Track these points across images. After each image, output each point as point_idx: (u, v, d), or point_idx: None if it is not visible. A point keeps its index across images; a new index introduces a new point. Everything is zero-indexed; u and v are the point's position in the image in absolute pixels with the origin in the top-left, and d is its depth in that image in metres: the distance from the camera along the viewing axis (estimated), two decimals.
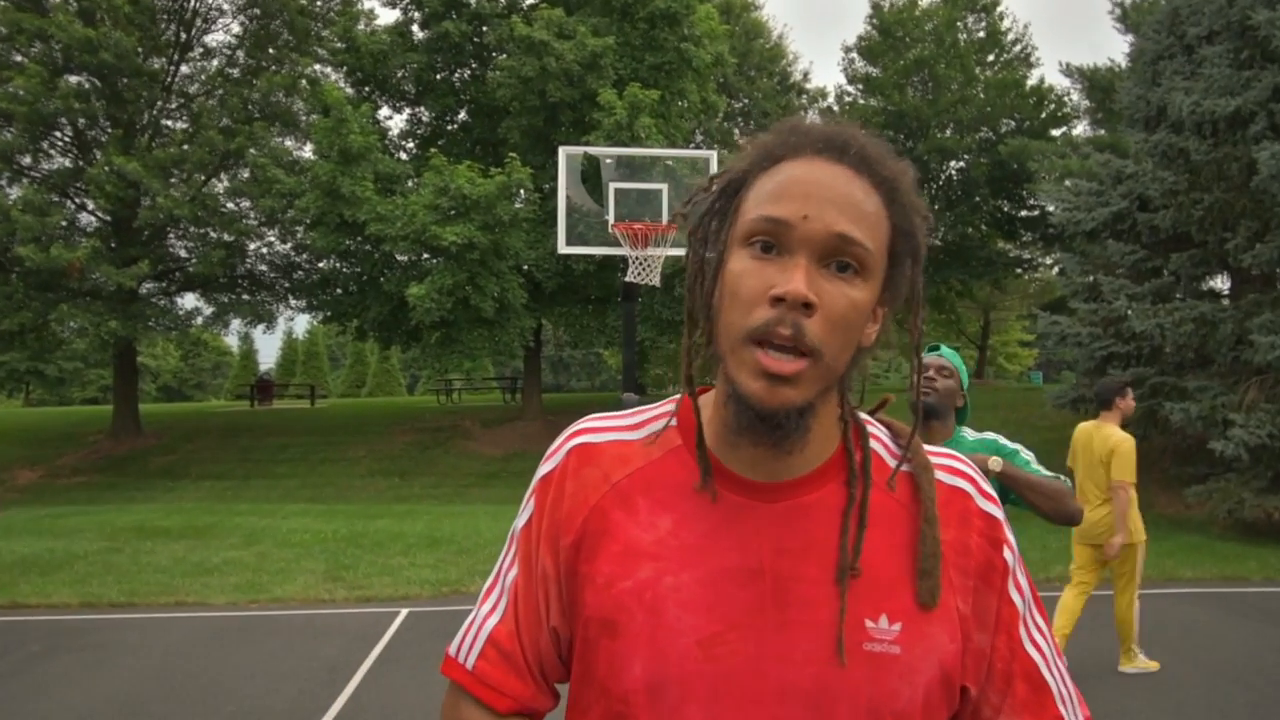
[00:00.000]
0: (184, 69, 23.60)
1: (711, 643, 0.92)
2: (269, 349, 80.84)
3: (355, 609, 8.20)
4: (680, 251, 12.18)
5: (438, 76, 22.28)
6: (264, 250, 24.01)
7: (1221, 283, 15.63)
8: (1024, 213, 29.17)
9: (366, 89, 22.28)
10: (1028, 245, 30.55)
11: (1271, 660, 6.48)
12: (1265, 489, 12.58)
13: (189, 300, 24.93)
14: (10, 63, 20.73)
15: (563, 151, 10.74)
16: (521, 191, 19.01)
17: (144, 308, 21.38)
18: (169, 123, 23.74)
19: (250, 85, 22.85)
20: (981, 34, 29.96)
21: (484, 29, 21.11)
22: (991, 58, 30.21)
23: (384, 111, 23.44)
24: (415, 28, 22.20)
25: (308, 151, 22.44)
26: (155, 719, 5.31)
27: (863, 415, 1.04)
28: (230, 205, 23.03)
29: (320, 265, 22.66)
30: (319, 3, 23.81)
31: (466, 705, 1.04)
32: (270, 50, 23.58)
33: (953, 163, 29.83)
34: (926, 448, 1.03)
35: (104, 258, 19.99)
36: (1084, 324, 15.20)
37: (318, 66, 23.39)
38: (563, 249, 11.04)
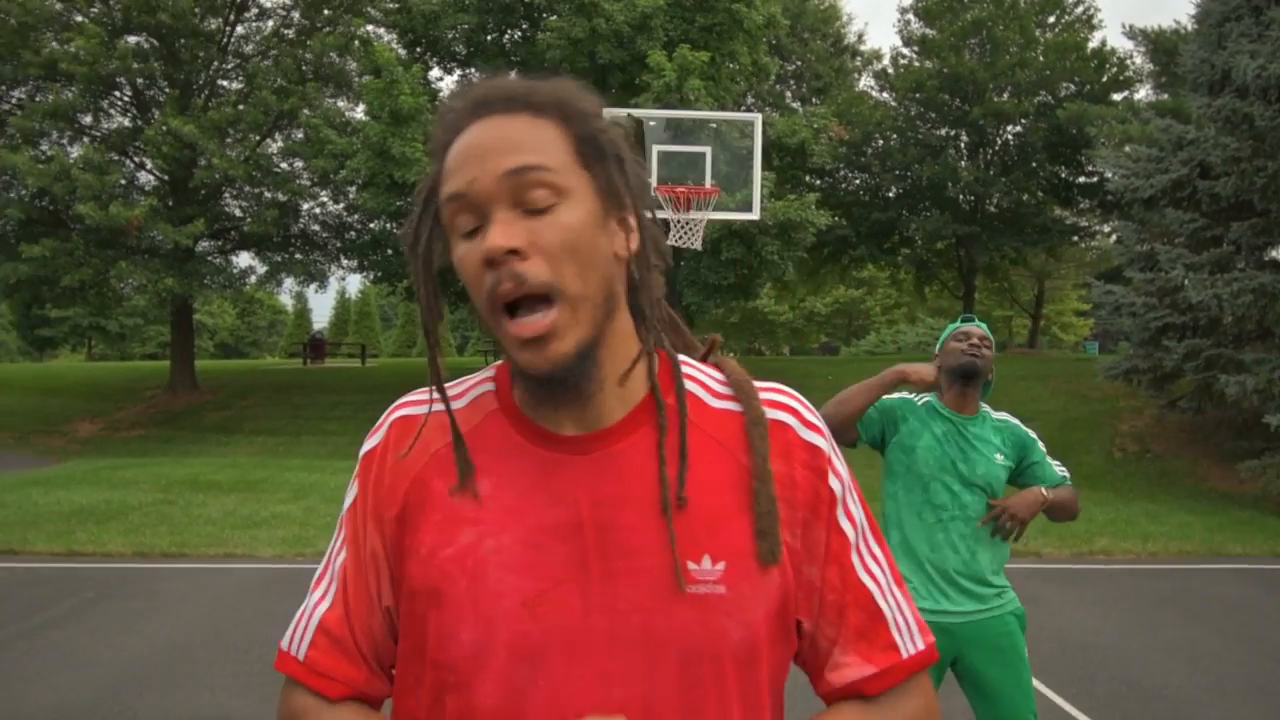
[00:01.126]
0: (239, 29, 23.84)
1: (536, 601, 0.91)
2: (323, 308, 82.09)
3: None
4: (725, 215, 12.10)
5: (488, 38, 22.25)
6: (317, 210, 24.35)
7: None
8: (1081, 179, 28.50)
9: (418, 49, 22.33)
10: (1085, 213, 29.88)
11: None
12: None
13: (243, 259, 25.46)
14: (71, 23, 21.08)
15: (606, 114, 10.68)
16: None
17: (199, 266, 21.80)
18: (224, 83, 24.07)
19: (304, 46, 23.02)
20: None
21: None
22: (1052, 19, 29.41)
23: (435, 73, 23.51)
24: None
25: (360, 112, 22.59)
26: (200, 665, 5.48)
27: (681, 357, 1.02)
28: (284, 166, 23.33)
29: (371, 226, 22.88)
30: None
31: (299, 696, 1.01)
32: (325, 11, 23.71)
33: (1009, 127, 29.19)
34: (758, 384, 1.01)
35: (161, 216, 20.38)
36: (1139, 294, 14.87)
37: (370, 27, 23.48)
38: None
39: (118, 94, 22.84)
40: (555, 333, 0.87)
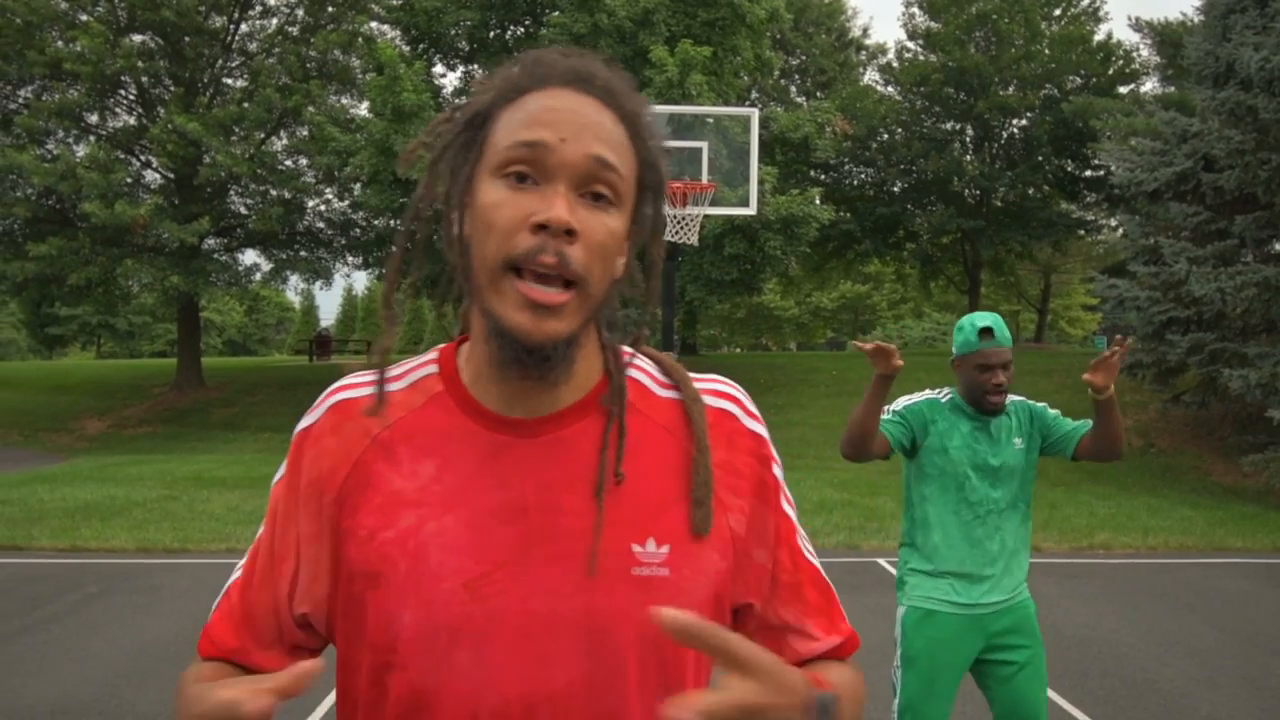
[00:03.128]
0: (244, 27, 23.93)
1: (478, 583, 0.91)
2: (330, 305, 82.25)
3: None
4: (723, 210, 12.09)
5: (491, 34, 22.27)
6: (322, 208, 24.42)
7: None
8: (1087, 173, 28.44)
9: (421, 46, 22.36)
10: (1090, 206, 29.82)
11: None
12: None
13: (249, 256, 25.58)
14: (76, 22, 21.17)
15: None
16: None
17: (205, 263, 21.88)
18: (229, 81, 24.13)
19: (308, 43, 23.07)
20: None
21: None
22: (1058, 11, 29.35)
23: (438, 69, 23.54)
24: None
25: (363, 109, 22.64)
26: None
27: (628, 349, 1.04)
28: (288, 163, 23.40)
29: (376, 223, 22.92)
30: None
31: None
32: (328, 8, 23.77)
33: (1015, 121, 29.16)
34: (693, 374, 1.04)
35: (167, 214, 20.46)
36: (1144, 288, 14.85)
37: (373, 24, 23.53)
38: None
39: (123, 92, 22.94)
40: (562, 312, 0.87)
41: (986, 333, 2.99)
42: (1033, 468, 3.05)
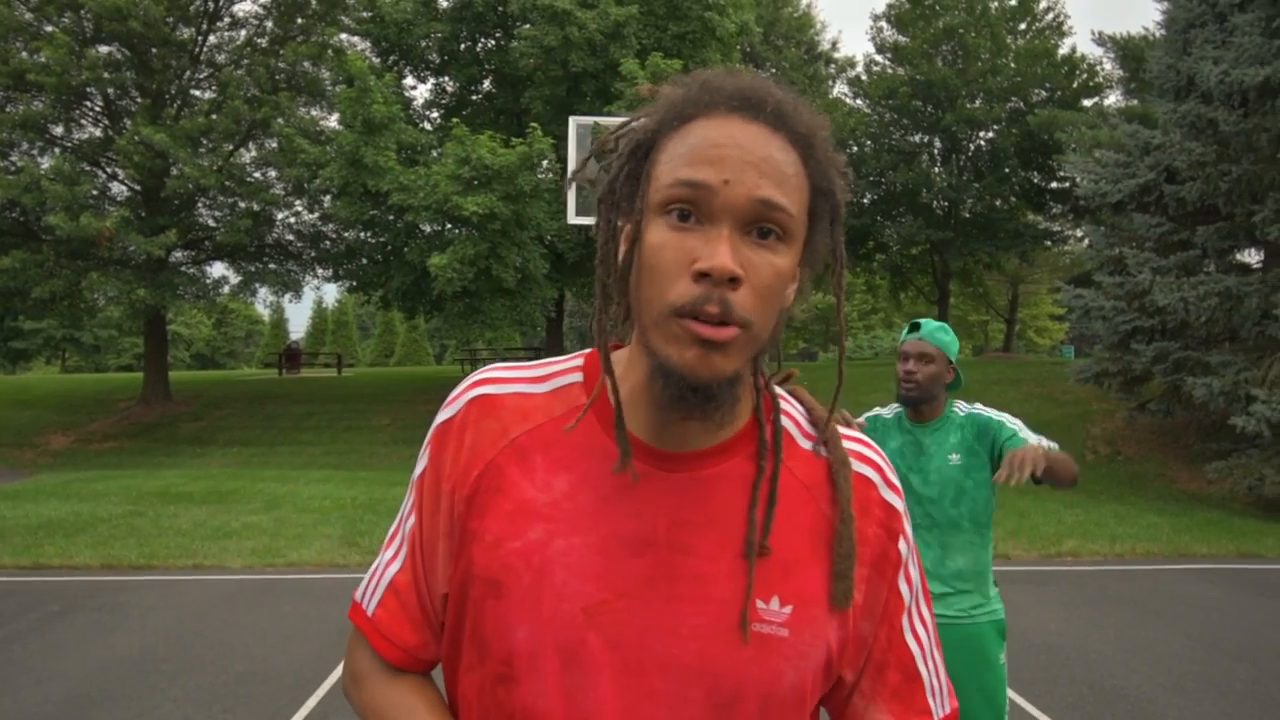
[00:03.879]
0: (212, 38, 23.74)
1: (597, 610, 0.89)
2: (300, 318, 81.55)
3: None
4: None
5: (461, 46, 22.26)
6: (291, 220, 24.27)
7: (1250, 256, 15.39)
8: (1053, 184, 28.82)
9: (391, 58, 22.31)
10: (1057, 217, 30.20)
11: (1277, 637, 6.45)
12: None
13: (217, 269, 25.30)
14: (40, 33, 20.93)
15: (573, 121, 10.72)
16: (544, 162, 19.00)
17: (172, 276, 21.66)
18: (197, 92, 23.94)
19: (277, 55, 22.95)
20: (1013, 1, 29.48)
21: None
22: (1023, 26, 29.77)
23: (409, 81, 23.49)
24: None
25: (334, 122, 22.53)
26: (165, 677, 5.45)
27: (776, 389, 1.01)
28: (257, 175, 23.24)
29: (346, 235, 22.80)
30: None
31: (364, 653, 1.04)
32: (298, 20, 23.65)
33: (982, 133, 29.50)
34: (842, 431, 1.01)
35: (133, 227, 20.24)
36: (1109, 297, 15.04)
37: (343, 36, 23.45)
38: (572, 219, 11.05)
39: (89, 104, 22.68)
40: (729, 350, 0.84)
41: (914, 328, 3.04)
42: (984, 486, 2.95)
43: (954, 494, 2.93)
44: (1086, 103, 28.16)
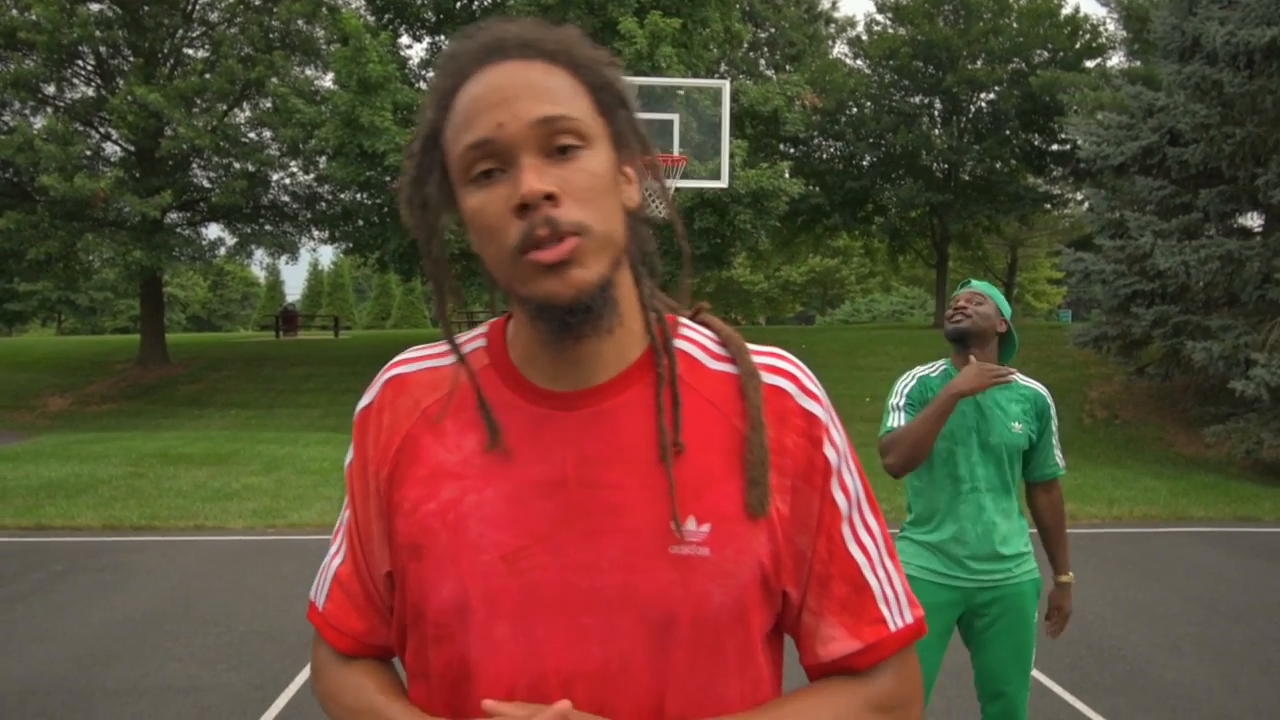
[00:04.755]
0: None
1: (516, 557, 0.91)
2: (295, 280, 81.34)
3: None
4: (693, 183, 12.03)
5: (457, 4, 21.94)
6: (286, 181, 24.05)
7: (1252, 220, 15.34)
8: (1054, 147, 28.61)
9: (386, 16, 22.01)
10: (1057, 180, 30.03)
11: (1274, 599, 6.50)
12: None
13: (213, 231, 25.11)
14: None
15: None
16: None
17: (168, 238, 21.49)
18: (190, 51, 23.65)
19: (270, 13, 22.63)
20: None
21: None
22: None
23: (404, 40, 23.20)
24: None
25: (329, 81, 22.28)
26: (167, 637, 5.47)
27: (682, 319, 1.03)
28: (252, 135, 23.01)
29: (342, 196, 22.63)
30: None
31: (319, 647, 1.07)
32: None
33: (983, 95, 29.23)
34: (752, 346, 1.01)
35: (128, 187, 20.07)
36: (1109, 261, 15.01)
37: None
38: None
39: (80, 63, 22.40)
40: (579, 258, 0.85)
41: (964, 284, 3.07)
42: (1022, 454, 2.98)
43: (1010, 460, 2.94)
44: (1089, 64, 27.88)
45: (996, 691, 2.95)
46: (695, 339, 1.02)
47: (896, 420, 2.95)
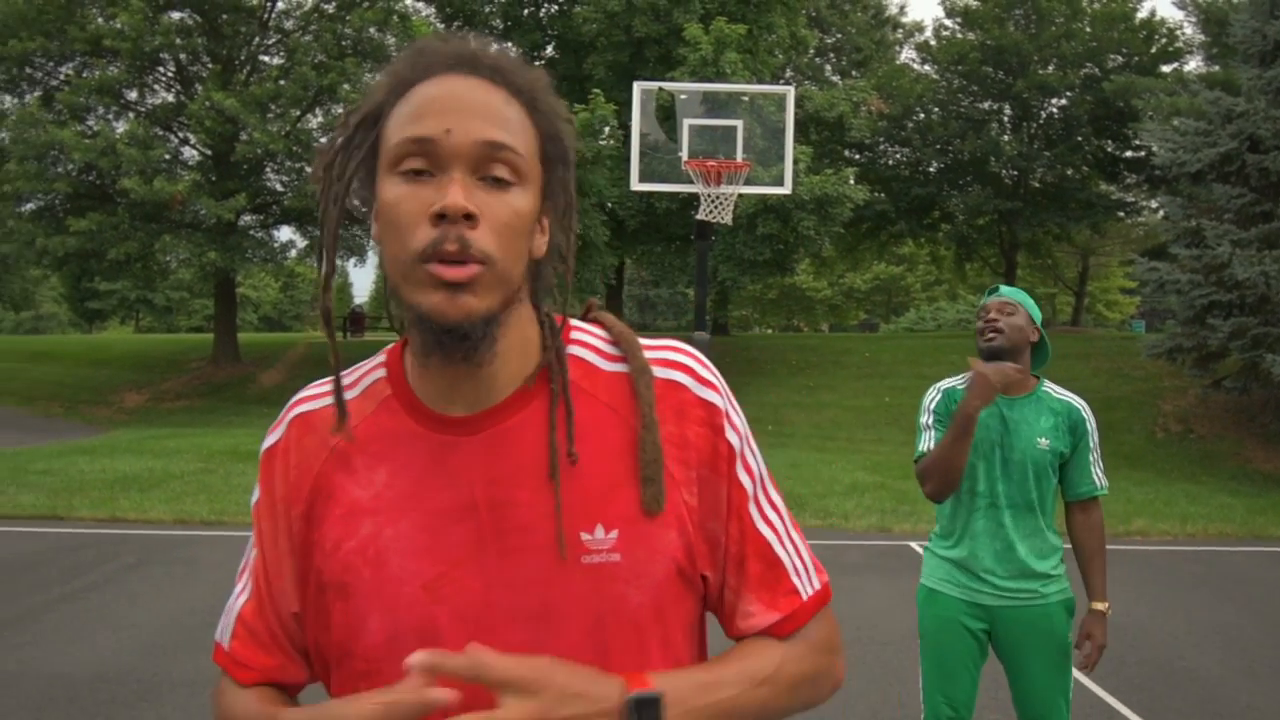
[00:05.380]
0: (280, 4, 23.99)
1: (437, 584, 0.92)
2: (363, 282, 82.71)
3: None
4: (757, 190, 11.98)
5: (525, 11, 22.21)
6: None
7: None
8: (1128, 153, 27.96)
9: (455, 24, 22.33)
10: (1131, 188, 29.31)
11: None
12: None
13: (284, 233, 25.72)
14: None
15: (637, 87, 10.68)
16: (606, 129, 18.92)
17: (241, 240, 22.06)
18: (265, 58, 24.23)
19: (343, 21, 23.10)
20: None
21: None
22: None
23: None
24: None
25: None
26: None
27: (575, 322, 1.03)
28: (324, 141, 23.42)
29: None
30: None
31: (225, 684, 1.05)
32: None
33: (1054, 100, 28.66)
34: (646, 340, 1.01)
35: (204, 190, 20.64)
36: (1185, 271, 14.60)
37: (409, 1, 23.52)
38: (636, 185, 11.05)
39: (161, 69, 23.10)
40: (475, 286, 0.86)
41: (992, 291, 2.96)
42: (1056, 473, 2.88)
43: (1035, 476, 2.84)
44: (1165, 69, 27.21)
45: (1035, 716, 2.86)
46: (588, 341, 1.02)
47: (928, 442, 2.87)
